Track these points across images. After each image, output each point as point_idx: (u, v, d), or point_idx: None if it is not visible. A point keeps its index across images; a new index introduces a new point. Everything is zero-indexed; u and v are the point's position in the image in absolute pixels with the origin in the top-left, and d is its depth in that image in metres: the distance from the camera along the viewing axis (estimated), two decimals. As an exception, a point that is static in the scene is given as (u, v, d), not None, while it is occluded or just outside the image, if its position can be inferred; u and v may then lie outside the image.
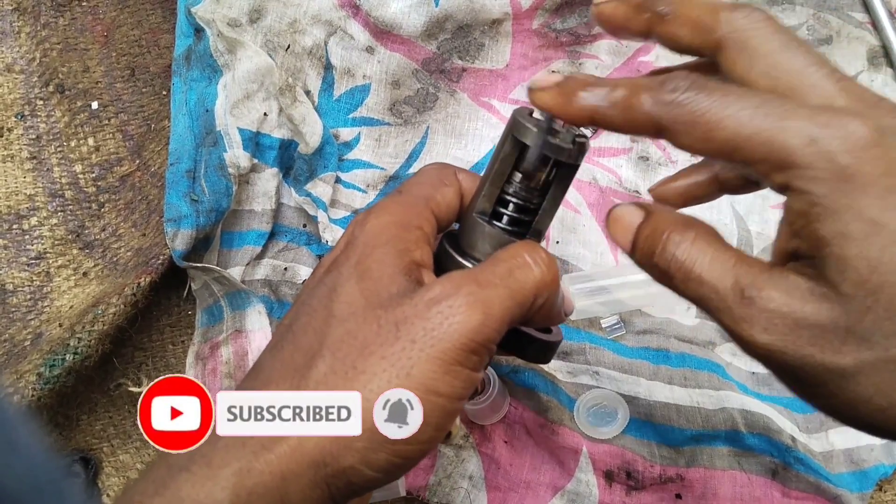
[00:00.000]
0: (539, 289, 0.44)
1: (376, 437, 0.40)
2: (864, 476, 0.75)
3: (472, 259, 0.49)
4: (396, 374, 0.41)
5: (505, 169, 0.48)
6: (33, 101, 0.83)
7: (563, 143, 0.46)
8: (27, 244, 0.79)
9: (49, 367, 0.70)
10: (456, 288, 0.42)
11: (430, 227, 0.48)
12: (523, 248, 0.45)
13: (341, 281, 0.45)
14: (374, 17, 0.78)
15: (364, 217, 0.47)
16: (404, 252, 0.45)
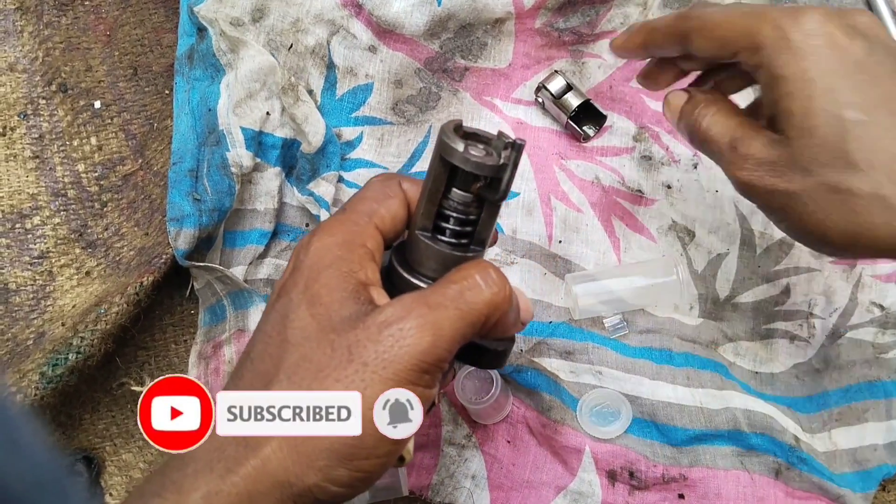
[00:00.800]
0: (490, 308, 0.46)
1: (336, 453, 0.41)
2: (868, 476, 0.75)
3: (420, 276, 0.50)
4: None
5: (438, 186, 0.49)
6: (36, 100, 0.83)
7: (485, 159, 0.47)
8: (30, 243, 0.79)
9: (52, 366, 0.70)
10: (406, 311, 0.43)
11: (375, 243, 0.49)
12: (474, 269, 0.46)
13: (292, 307, 0.46)
14: (377, 16, 0.78)
15: (308, 240, 0.48)
16: (349, 274, 0.46)
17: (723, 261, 0.81)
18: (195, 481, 0.42)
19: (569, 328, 0.78)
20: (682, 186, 0.82)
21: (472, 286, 0.45)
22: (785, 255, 0.81)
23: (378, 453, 0.42)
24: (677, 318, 0.80)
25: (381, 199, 0.51)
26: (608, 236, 0.81)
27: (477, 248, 0.51)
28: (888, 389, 0.77)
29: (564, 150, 0.83)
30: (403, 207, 0.51)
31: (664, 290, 0.77)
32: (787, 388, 0.79)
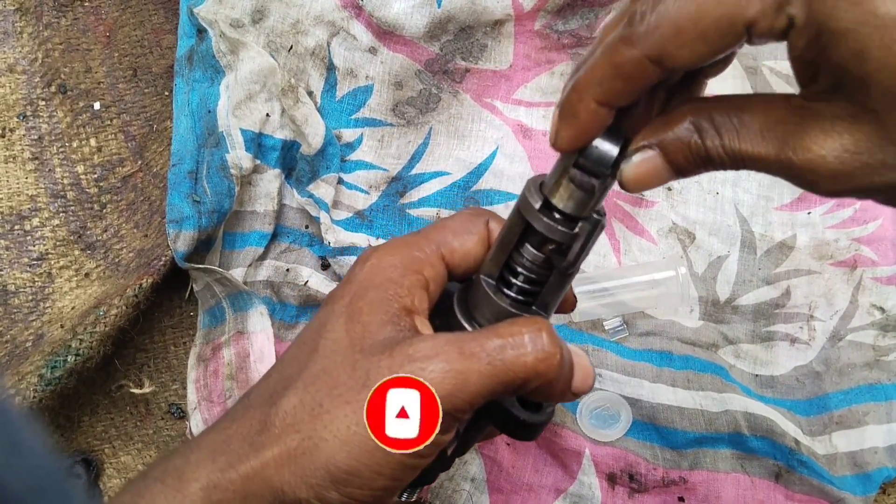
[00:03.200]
0: (530, 374, 0.43)
1: (331, 476, 0.41)
2: (868, 479, 0.75)
3: (473, 321, 0.48)
4: (356, 423, 0.41)
5: (511, 238, 0.46)
6: (35, 101, 0.83)
7: (558, 224, 0.44)
8: (29, 245, 0.79)
9: (51, 368, 0.70)
10: (436, 351, 0.42)
11: (434, 273, 0.47)
12: (526, 327, 0.43)
13: (332, 318, 0.45)
14: (377, 17, 0.78)
15: (368, 254, 0.47)
16: (395, 297, 0.45)
17: (723, 263, 0.81)
18: (196, 470, 0.42)
19: (569, 331, 0.78)
20: (682, 188, 0.82)
21: (516, 345, 0.43)
22: (785, 257, 0.81)
23: (373, 486, 0.42)
24: (677, 320, 0.80)
25: (459, 231, 0.49)
26: (608, 239, 0.81)
27: (539, 310, 0.48)
28: (889, 392, 0.77)
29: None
30: (481, 246, 0.49)
31: (664, 292, 0.77)
32: (788, 391, 0.79)
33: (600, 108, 0.40)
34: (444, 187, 0.82)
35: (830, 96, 0.36)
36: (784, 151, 0.37)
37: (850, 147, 0.36)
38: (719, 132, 0.39)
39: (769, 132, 0.37)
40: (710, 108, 0.39)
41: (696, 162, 0.40)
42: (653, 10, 0.37)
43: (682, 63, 0.37)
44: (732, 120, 0.38)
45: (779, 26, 0.35)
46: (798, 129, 0.37)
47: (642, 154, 0.40)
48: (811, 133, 0.36)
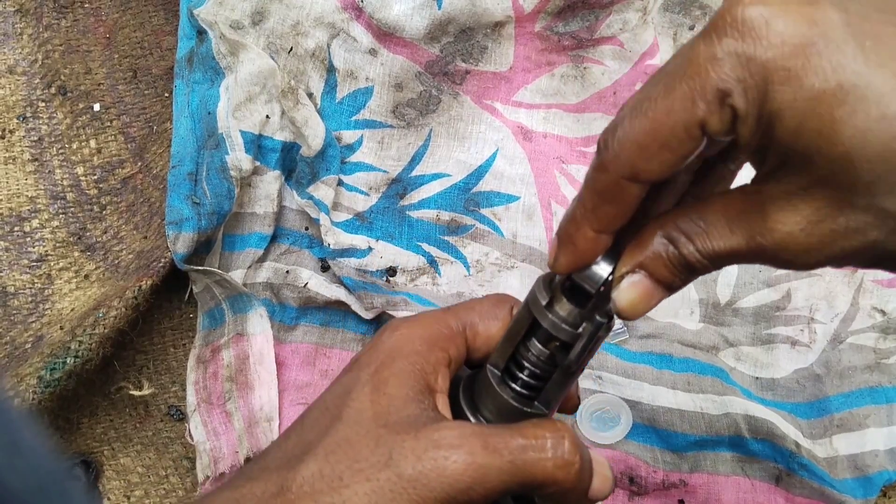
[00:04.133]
0: (547, 479, 0.43)
1: None
2: (869, 482, 0.75)
3: (477, 411, 0.49)
4: (376, 502, 0.41)
5: (519, 330, 0.47)
6: (35, 102, 0.83)
7: (562, 322, 0.44)
8: (28, 246, 0.79)
9: (50, 370, 0.70)
10: (461, 441, 0.42)
11: (457, 353, 0.48)
12: (550, 431, 0.44)
13: (358, 385, 0.45)
14: (377, 19, 0.78)
15: (399, 324, 0.47)
16: (422, 373, 0.45)
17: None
18: None
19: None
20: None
21: (538, 448, 0.43)
22: (786, 259, 0.80)
23: None
24: (678, 322, 0.80)
25: (485, 315, 0.49)
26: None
27: (541, 406, 0.48)
28: (889, 395, 0.77)
29: (565, 155, 0.83)
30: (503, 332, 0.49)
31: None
32: (788, 394, 0.78)
33: (598, 236, 0.42)
34: (445, 189, 0.81)
35: (780, 174, 0.37)
36: (754, 239, 0.38)
37: (812, 217, 0.36)
38: (690, 238, 0.39)
39: (735, 225, 0.38)
40: (675, 218, 0.40)
41: (679, 272, 0.40)
42: (614, 135, 0.38)
43: (656, 174, 0.38)
44: (698, 223, 0.39)
45: (726, 120, 0.36)
46: (759, 214, 0.37)
47: (629, 279, 0.41)
48: (772, 214, 0.37)
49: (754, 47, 0.34)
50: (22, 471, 0.28)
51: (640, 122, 0.37)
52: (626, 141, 0.38)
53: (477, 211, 0.81)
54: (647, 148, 0.37)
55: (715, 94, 0.35)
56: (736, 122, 0.36)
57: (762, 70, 0.34)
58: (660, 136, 0.37)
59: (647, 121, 0.37)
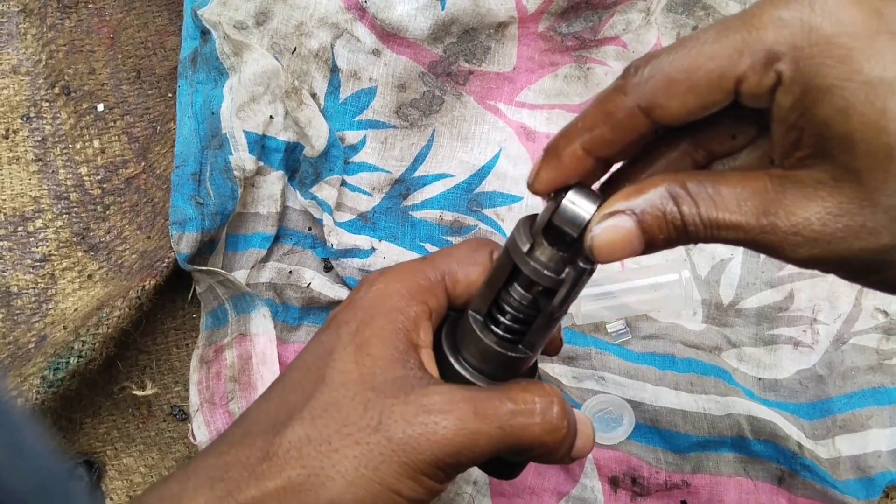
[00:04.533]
0: (535, 443, 0.43)
1: None
2: (871, 483, 0.75)
3: (459, 355, 0.48)
4: (365, 465, 0.41)
5: (500, 276, 0.46)
6: (39, 102, 0.83)
7: (544, 268, 0.43)
8: (32, 246, 0.79)
9: (53, 370, 0.70)
10: (451, 407, 0.42)
11: (437, 303, 0.47)
12: (538, 396, 0.44)
13: (339, 346, 0.45)
14: (381, 19, 0.78)
15: (374, 277, 0.47)
16: (404, 331, 0.45)
17: (726, 266, 0.81)
18: (194, 497, 0.42)
19: (572, 333, 0.78)
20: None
21: (527, 413, 0.43)
22: (789, 260, 0.80)
23: None
24: (681, 323, 0.80)
25: (464, 262, 0.49)
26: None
27: (525, 350, 0.48)
28: (892, 396, 0.77)
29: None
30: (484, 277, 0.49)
31: (667, 295, 0.77)
32: (791, 395, 0.78)
33: (585, 156, 0.41)
34: (448, 189, 0.81)
35: (812, 161, 0.37)
36: (766, 217, 0.37)
37: (833, 209, 0.36)
38: (696, 200, 0.38)
39: (746, 202, 0.38)
40: (686, 178, 0.39)
41: (670, 232, 0.39)
42: (647, 63, 0.38)
43: (671, 115, 0.38)
44: (708, 189, 0.38)
45: (767, 83, 0.36)
46: (779, 196, 0.37)
47: (616, 219, 0.40)
48: (793, 199, 0.37)
49: (822, 19, 0.35)
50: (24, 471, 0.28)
51: (678, 57, 0.37)
52: (658, 71, 0.38)
53: (480, 211, 0.81)
54: (675, 84, 0.37)
55: (765, 54, 0.35)
56: (778, 88, 0.36)
57: (824, 43, 0.34)
58: (693, 77, 0.37)
59: (686, 58, 0.37)
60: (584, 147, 0.41)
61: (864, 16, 0.34)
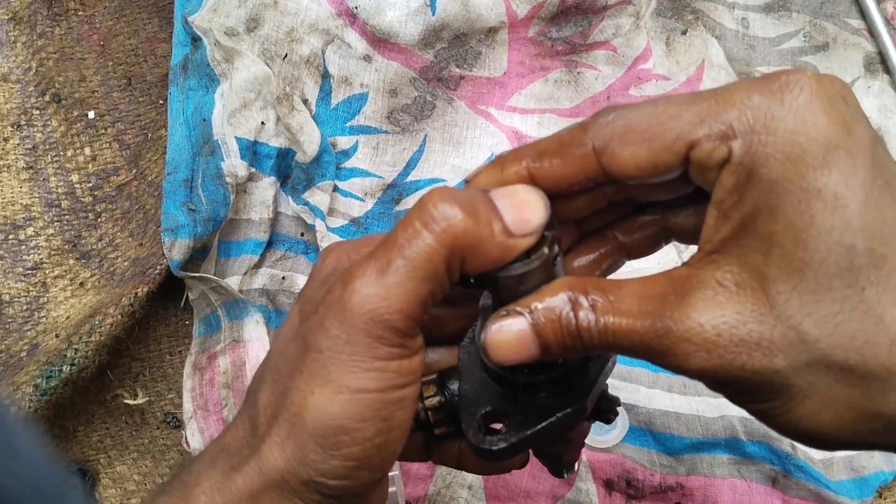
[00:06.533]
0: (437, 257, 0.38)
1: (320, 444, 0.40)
2: (865, 483, 0.75)
3: None
4: (319, 385, 0.40)
5: None
6: (29, 110, 0.83)
7: None
8: (23, 254, 0.79)
9: (46, 378, 0.70)
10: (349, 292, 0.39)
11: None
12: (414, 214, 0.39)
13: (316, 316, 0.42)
14: (372, 25, 0.78)
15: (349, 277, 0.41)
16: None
17: (718, 268, 0.81)
18: (199, 478, 0.42)
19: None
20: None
21: (412, 235, 0.38)
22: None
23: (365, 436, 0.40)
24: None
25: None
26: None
27: None
28: (884, 396, 0.77)
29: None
30: None
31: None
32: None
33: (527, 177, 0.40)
34: (440, 194, 0.82)
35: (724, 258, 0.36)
36: (661, 320, 0.36)
37: (730, 319, 0.35)
38: (594, 307, 0.37)
39: (646, 305, 0.37)
40: (588, 284, 0.38)
41: (564, 338, 0.38)
42: (616, 110, 0.38)
43: (619, 164, 0.37)
44: (609, 297, 0.37)
45: (717, 156, 0.35)
46: (678, 298, 0.36)
47: (511, 319, 0.39)
48: (692, 301, 0.36)
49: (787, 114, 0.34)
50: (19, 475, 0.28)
51: (644, 110, 0.37)
52: (622, 118, 0.37)
53: (472, 216, 0.81)
54: (631, 133, 0.37)
55: (723, 128, 0.35)
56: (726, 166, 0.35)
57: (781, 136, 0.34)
58: (650, 130, 0.37)
59: (651, 113, 0.37)
60: (528, 169, 0.40)
61: (829, 125, 0.34)
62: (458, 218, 0.37)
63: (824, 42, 0.86)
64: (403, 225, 0.38)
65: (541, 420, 0.43)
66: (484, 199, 0.39)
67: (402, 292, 0.38)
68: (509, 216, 0.39)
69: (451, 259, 0.38)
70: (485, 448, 0.43)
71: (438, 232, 0.38)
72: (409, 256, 0.38)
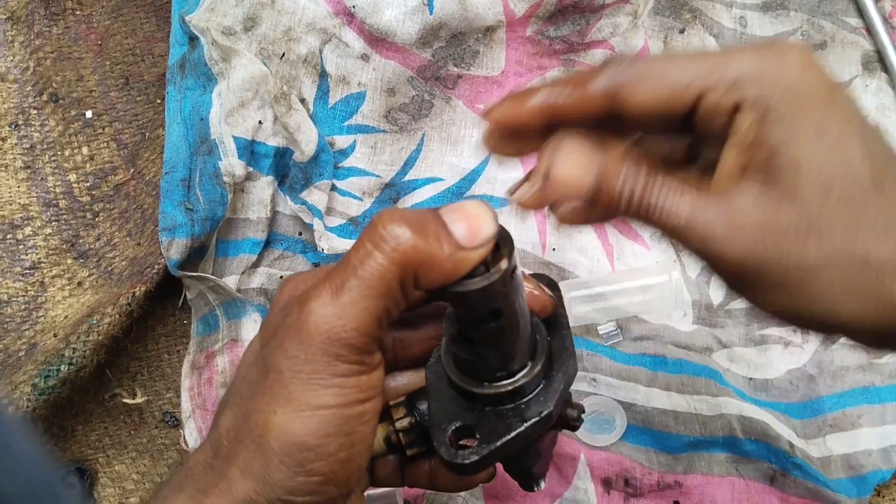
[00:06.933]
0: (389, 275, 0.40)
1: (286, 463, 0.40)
2: (863, 481, 0.75)
3: None
4: (280, 405, 0.41)
5: None
6: (27, 110, 0.83)
7: None
8: (21, 254, 0.79)
9: (44, 377, 0.70)
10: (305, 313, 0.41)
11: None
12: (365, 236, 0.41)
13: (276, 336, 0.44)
14: (369, 24, 0.78)
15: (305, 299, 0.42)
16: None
17: (716, 267, 0.81)
18: (164, 502, 0.42)
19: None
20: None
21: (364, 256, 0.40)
22: (778, 260, 0.81)
23: (328, 451, 0.41)
24: (671, 324, 0.80)
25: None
26: (602, 244, 0.81)
27: None
28: (882, 394, 0.77)
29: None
30: None
31: (658, 296, 0.77)
32: (782, 394, 0.79)
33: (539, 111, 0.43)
34: (438, 193, 0.82)
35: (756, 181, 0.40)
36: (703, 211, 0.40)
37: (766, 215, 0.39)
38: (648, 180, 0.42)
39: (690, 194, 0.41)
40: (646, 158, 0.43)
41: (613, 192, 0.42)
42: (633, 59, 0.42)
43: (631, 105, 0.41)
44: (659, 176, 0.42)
45: (726, 103, 0.40)
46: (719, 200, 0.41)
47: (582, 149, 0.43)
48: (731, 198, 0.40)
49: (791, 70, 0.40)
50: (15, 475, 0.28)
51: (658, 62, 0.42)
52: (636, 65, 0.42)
53: (470, 215, 0.81)
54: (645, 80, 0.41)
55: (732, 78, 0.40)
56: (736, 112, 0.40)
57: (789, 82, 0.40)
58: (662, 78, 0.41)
59: (664, 64, 0.42)
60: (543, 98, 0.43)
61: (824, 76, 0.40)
62: (408, 236, 0.39)
63: (822, 41, 0.86)
64: (356, 247, 0.40)
65: (510, 430, 0.45)
66: (433, 216, 0.41)
67: (357, 311, 0.40)
68: (459, 230, 0.41)
69: (404, 276, 0.40)
70: (457, 462, 0.44)
71: (389, 251, 0.39)
72: (362, 276, 0.40)
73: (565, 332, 0.49)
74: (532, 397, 0.46)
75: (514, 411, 0.46)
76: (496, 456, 0.45)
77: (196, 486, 0.42)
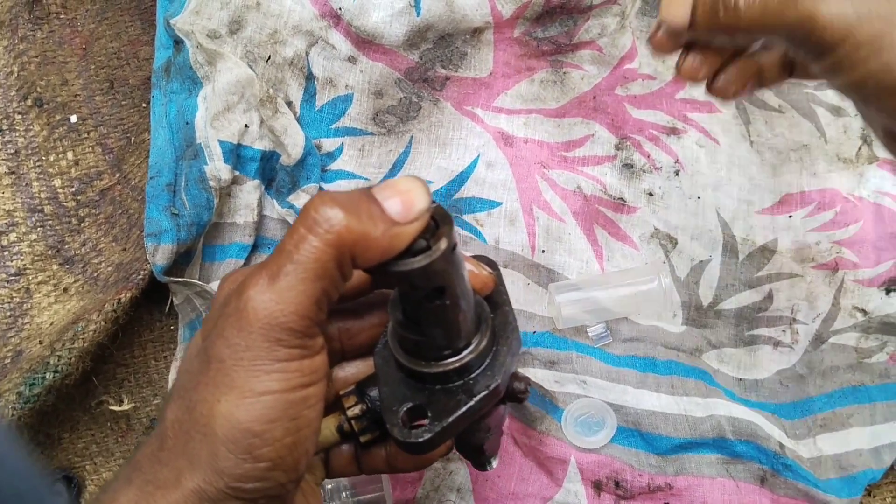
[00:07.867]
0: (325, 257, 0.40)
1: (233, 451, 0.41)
2: (853, 481, 0.75)
3: None
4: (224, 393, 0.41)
5: None
6: (11, 115, 0.82)
7: None
8: (6, 260, 0.78)
9: (29, 385, 0.69)
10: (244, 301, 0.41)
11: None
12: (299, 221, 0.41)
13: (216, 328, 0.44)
14: (356, 26, 0.77)
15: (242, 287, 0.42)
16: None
17: (705, 268, 0.81)
18: (116, 495, 0.42)
19: (553, 338, 0.78)
20: (663, 193, 0.82)
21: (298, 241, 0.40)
22: (767, 261, 0.81)
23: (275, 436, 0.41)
24: (661, 325, 0.80)
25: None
26: (591, 245, 0.81)
27: None
28: (872, 394, 0.78)
29: (546, 160, 0.83)
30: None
31: (647, 298, 0.77)
32: (772, 395, 0.79)
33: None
34: (426, 196, 0.81)
35: None
36: None
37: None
38: None
39: None
40: None
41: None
42: None
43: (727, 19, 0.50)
44: None
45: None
46: None
47: None
48: None
49: None
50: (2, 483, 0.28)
51: None
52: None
53: (459, 217, 0.81)
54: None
55: None
56: None
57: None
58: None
59: None
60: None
61: None
62: (340, 217, 0.40)
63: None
64: (290, 233, 0.41)
65: (459, 406, 0.46)
66: (365, 195, 0.42)
67: (295, 294, 0.40)
68: (392, 206, 0.41)
69: (340, 257, 0.40)
70: (412, 442, 0.46)
71: (322, 233, 0.40)
72: (298, 260, 0.40)
73: (507, 308, 0.50)
74: (479, 373, 0.47)
75: (462, 388, 0.47)
76: (449, 432, 0.46)
77: (145, 478, 0.42)
